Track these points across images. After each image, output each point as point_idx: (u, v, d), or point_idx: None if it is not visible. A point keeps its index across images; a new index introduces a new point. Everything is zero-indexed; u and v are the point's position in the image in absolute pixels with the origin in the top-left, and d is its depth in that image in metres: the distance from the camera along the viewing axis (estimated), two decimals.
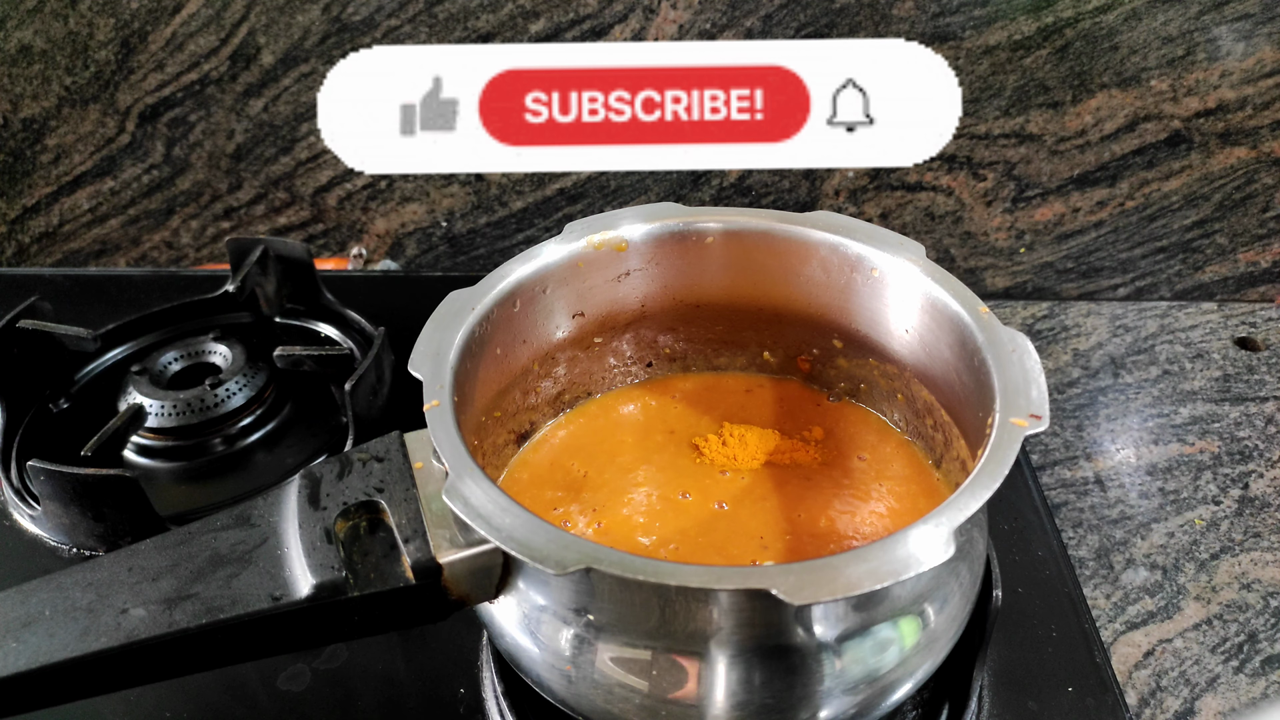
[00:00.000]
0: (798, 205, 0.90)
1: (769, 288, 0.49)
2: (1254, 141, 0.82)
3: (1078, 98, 0.82)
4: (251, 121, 0.89)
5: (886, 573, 0.31)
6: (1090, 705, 0.46)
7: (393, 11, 0.83)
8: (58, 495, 0.53)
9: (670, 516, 0.44)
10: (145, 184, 0.93)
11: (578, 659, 0.36)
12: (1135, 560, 0.62)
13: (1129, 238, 0.88)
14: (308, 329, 0.70)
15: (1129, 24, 0.79)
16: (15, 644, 0.34)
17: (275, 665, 0.49)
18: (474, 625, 0.49)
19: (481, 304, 0.43)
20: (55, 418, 0.64)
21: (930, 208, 0.89)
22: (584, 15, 0.82)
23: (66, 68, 0.88)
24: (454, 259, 0.96)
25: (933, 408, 0.45)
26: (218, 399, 0.62)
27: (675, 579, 0.31)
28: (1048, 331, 0.81)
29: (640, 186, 0.90)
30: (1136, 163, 0.84)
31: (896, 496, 0.45)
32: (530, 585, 0.36)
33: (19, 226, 0.96)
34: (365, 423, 0.59)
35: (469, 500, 0.34)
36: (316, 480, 0.38)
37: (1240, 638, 0.58)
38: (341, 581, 0.35)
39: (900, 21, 0.80)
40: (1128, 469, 0.68)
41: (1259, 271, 0.88)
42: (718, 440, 0.48)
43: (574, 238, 0.47)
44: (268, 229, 0.95)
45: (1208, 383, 0.75)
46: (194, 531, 0.37)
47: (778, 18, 0.81)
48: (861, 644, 0.35)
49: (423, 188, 0.91)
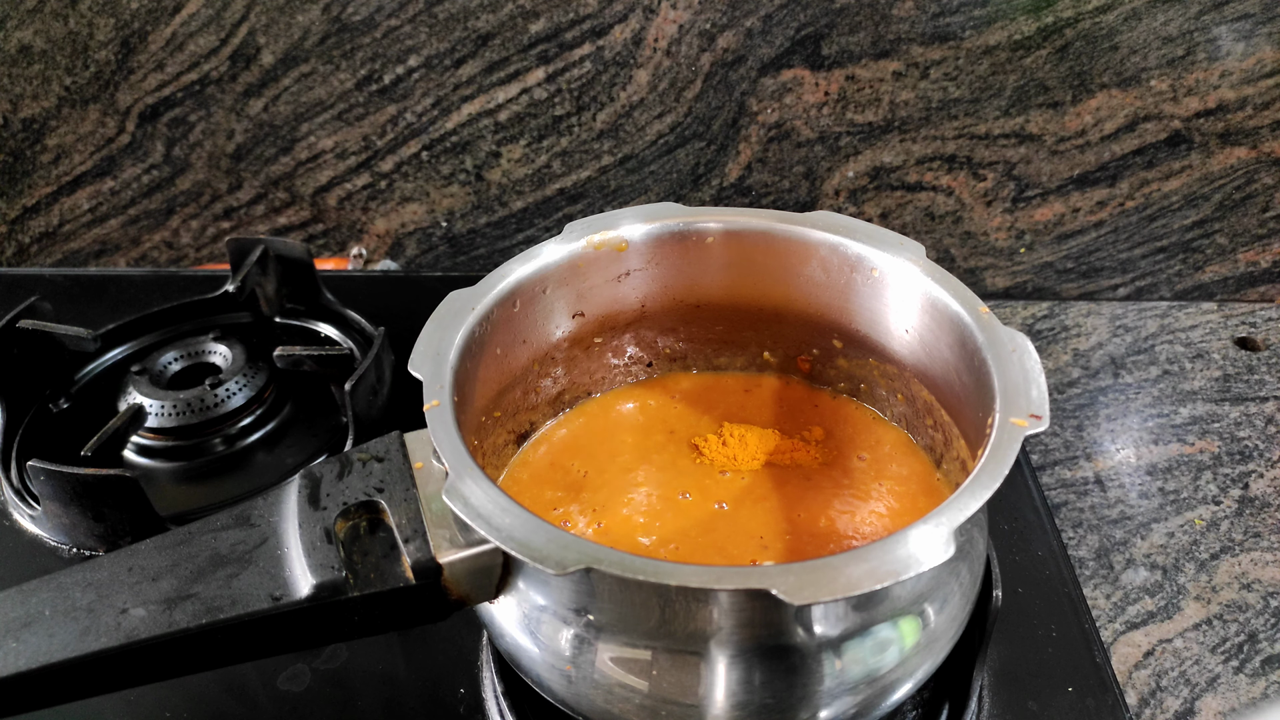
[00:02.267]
0: (798, 205, 0.90)
1: (769, 288, 0.49)
2: (1254, 141, 0.82)
3: (1078, 98, 0.82)
4: (251, 121, 0.89)
5: (886, 573, 0.31)
6: (1090, 705, 0.46)
7: (393, 11, 0.83)
8: (58, 495, 0.53)
9: (670, 516, 0.44)
10: (145, 184, 0.93)
11: (578, 659, 0.36)
12: (1135, 560, 0.62)
13: (1129, 238, 0.88)
14: (308, 329, 0.70)
15: (1129, 24, 0.79)
16: (15, 644, 0.34)
17: (275, 665, 0.49)
18: (474, 625, 0.49)
19: (481, 304, 0.43)
20: (55, 418, 0.64)
21: (930, 208, 0.89)
22: (584, 15, 0.82)
23: (66, 68, 0.88)
24: (454, 259, 0.96)
25: (933, 408, 0.45)
26: (218, 399, 0.62)
27: (675, 579, 0.31)
28: (1048, 331, 0.81)
29: (640, 186, 0.90)
30: (1136, 163, 0.84)
31: (896, 496, 0.45)
32: (530, 585, 0.36)
33: (19, 226, 0.96)
34: (365, 423, 0.59)
35: (469, 500, 0.34)
36: (316, 480, 0.38)
37: (1240, 638, 0.58)
38: (341, 581, 0.35)
39: (900, 21, 0.80)
40: (1128, 469, 0.68)
41: (1259, 271, 0.88)
42: (717, 440, 0.48)
43: (574, 238, 0.47)
44: (268, 229, 0.95)
45: (1208, 383, 0.75)
46: (194, 531, 0.37)
47: (778, 18, 0.81)
48: (862, 644, 0.35)
49: (423, 188, 0.91)
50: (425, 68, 0.86)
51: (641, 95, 0.86)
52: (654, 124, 0.87)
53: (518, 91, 0.86)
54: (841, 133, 0.86)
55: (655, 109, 0.86)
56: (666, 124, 0.87)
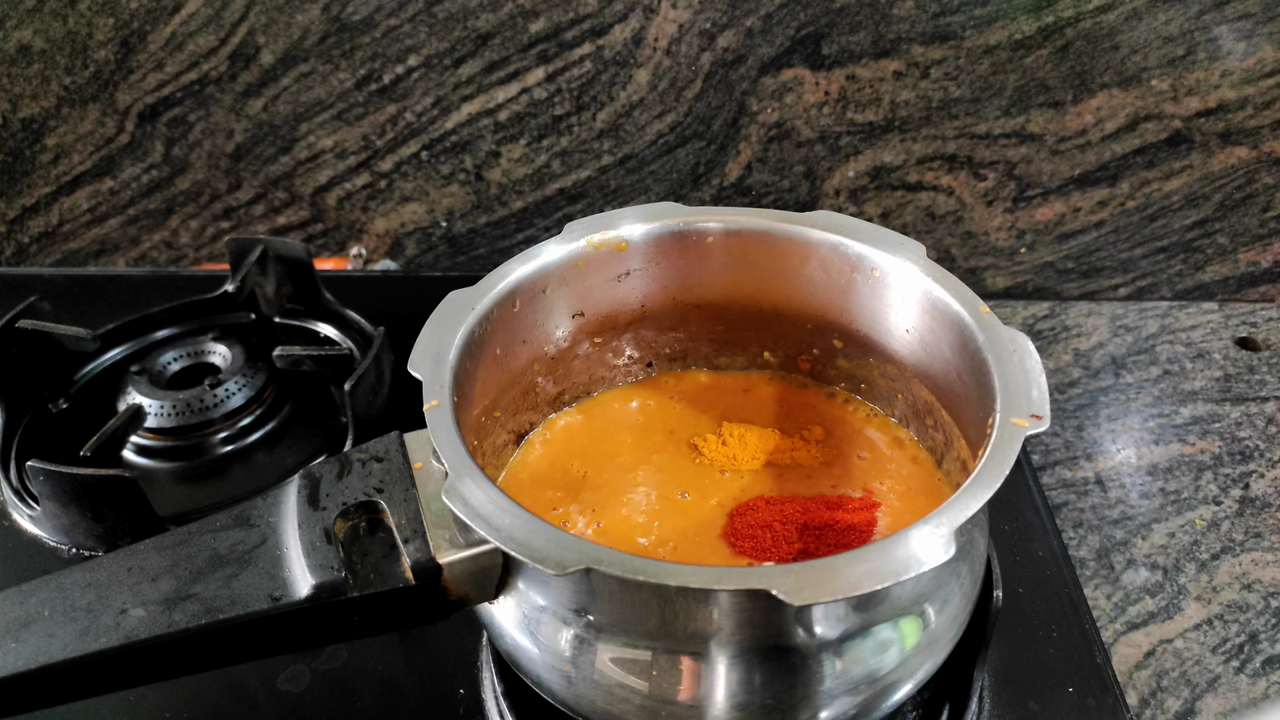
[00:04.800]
0: (798, 205, 0.90)
1: (769, 288, 0.49)
2: (1255, 141, 0.82)
3: (1078, 97, 0.82)
4: (251, 121, 0.89)
5: (887, 573, 0.31)
6: (1091, 706, 0.46)
7: (392, 11, 0.83)
8: (57, 495, 0.53)
9: (670, 516, 0.44)
10: (145, 184, 0.93)
11: (578, 659, 0.36)
12: (1136, 560, 0.62)
13: (1130, 237, 0.88)
14: (307, 329, 0.70)
15: (1129, 24, 0.79)
16: (15, 644, 0.34)
17: (275, 665, 0.49)
18: (474, 625, 0.49)
19: (481, 304, 0.43)
20: (55, 418, 0.64)
21: (931, 207, 0.88)
22: (584, 15, 0.82)
23: (66, 67, 0.88)
24: (454, 259, 0.96)
25: (933, 408, 0.45)
26: (217, 399, 0.62)
27: (675, 579, 0.31)
28: (1048, 331, 0.81)
29: (640, 186, 0.90)
30: (1137, 162, 0.84)
31: (897, 496, 0.45)
32: (530, 586, 0.36)
33: (18, 226, 0.96)
34: (365, 423, 0.59)
35: (469, 500, 0.34)
36: (316, 480, 0.38)
37: (1241, 638, 0.58)
38: (341, 582, 0.35)
39: (901, 21, 0.80)
40: (1128, 469, 0.68)
41: (1260, 271, 0.88)
42: (717, 440, 0.48)
43: (574, 237, 0.47)
44: (267, 229, 0.95)
45: (1208, 383, 0.75)
46: (193, 532, 0.37)
47: (778, 17, 0.81)
48: (862, 644, 0.35)
49: (422, 187, 0.91)
50: (425, 67, 0.86)
51: (641, 95, 0.86)
52: (654, 124, 0.87)
53: (518, 91, 0.86)
54: (842, 132, 0.86)
55: (655, 109, 0.86)
56: (666, 124, 0.87)
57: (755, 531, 0.42)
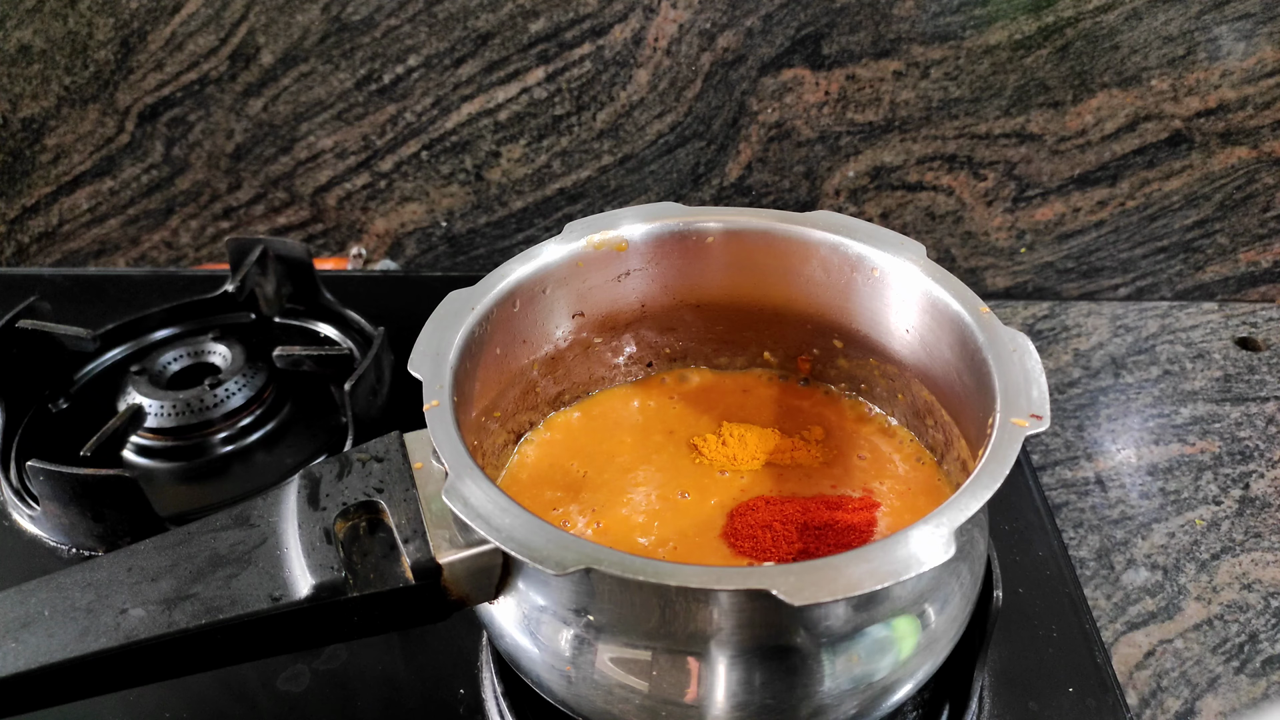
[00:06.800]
0: (798, 205, 0.90)
1: (769, 288, 0.49)
2: (1255, 141, 0.82)
3: (1078, 97, 0.82)
4: (251, 121, 0.89)
5: (887, 573, 0.31)
6: (1091, 706, 0.46)
7: (392, 11, 0.83)
8: (57, 495, 0.53)
9: (669, 516, 0.44)
10: (145, 184, 0.93)
11: (578, 659, 0.36)
12: (1136, 560, 0.62)
13: (1130, 237, 0.88)
14: (307, 329, 0.70)
15: (1129, 24, 0.79)
16: (15, 644, 0.34)
17: (275, 665, 0.49)
18: (474, 625, 0.49)
19: (481, 304, 0.43)
20: (55, 418, 0.64)
21: (931, 207, 0.88)
22: (584, 14, 0.82)
23: (66, 67, 0.88)
24: (454, 259, 0.96)
25: (933, 408, 0.45)
26: (217, 399, 0.62)
27: (675, 579, 0.31)
28: (1048, 331, 0.81)
29: (640, 186, 0.90)
30: (1137, 162, 0.84)
31: (897, 496, 0.45)
32: (530, 586, 0.36)
33: (18, 226, 0.96)
34: (365, 423, 0.59)
35: (469, 500, 0.34)
36: (316, 480, 0.38)
37: (1241, 638, 0.58)
38: (341, 582, 0.35)
39: (901, 21, 0.80)
40: (1128, 469, 0.68)
41: (1260, 271, 0.88)
42: (717, 440, 0.48)
43: (574, 237, 0.47)
44: (267, 229, 0.95)
45: (1208, 383, 0.75)
46: (193, 531, 0.37)
47: (778, 17, 0.81)
48: (862, 644, 0.35)
49: (422, 187, 0.91)
50: (425, 67, 0.86)
51: (641, 95, 0.86)
52: (654, 124, 0.87)
53: (518, 91, 0.86)
54: (842, 132, 0.86)
55: (655, 109, 0.86)
56: (666, 124, 0.87)
57: (755, 531, 0.42)
